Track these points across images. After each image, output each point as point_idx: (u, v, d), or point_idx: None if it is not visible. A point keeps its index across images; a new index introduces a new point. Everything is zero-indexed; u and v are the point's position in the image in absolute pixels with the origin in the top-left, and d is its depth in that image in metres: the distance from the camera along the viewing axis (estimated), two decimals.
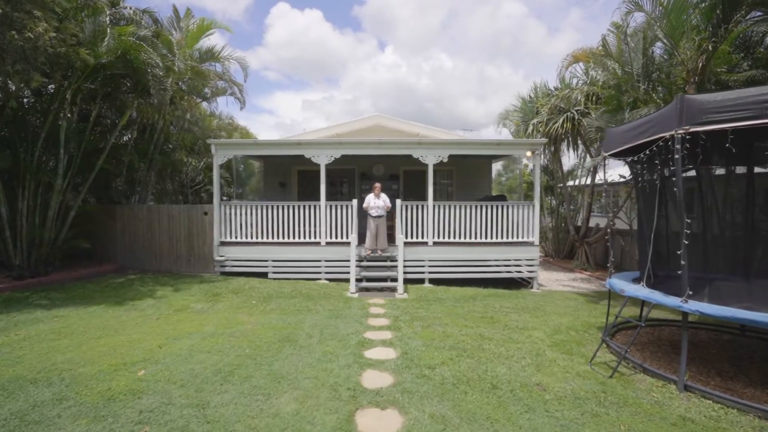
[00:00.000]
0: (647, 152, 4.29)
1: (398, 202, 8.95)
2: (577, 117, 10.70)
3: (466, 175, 12.98)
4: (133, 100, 7.81)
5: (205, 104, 14.31)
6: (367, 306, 6.86)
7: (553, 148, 13.07)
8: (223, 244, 9.25)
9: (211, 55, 9.86)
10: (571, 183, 14.69)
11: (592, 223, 12.97)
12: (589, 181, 14.29)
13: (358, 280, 8.54)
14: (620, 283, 4.90)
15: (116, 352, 4.17)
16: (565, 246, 14.31)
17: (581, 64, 11.21)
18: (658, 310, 6.86)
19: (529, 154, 9.08)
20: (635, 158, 4.52)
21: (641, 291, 4.44)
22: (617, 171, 14.20)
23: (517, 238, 9.25)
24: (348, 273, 8.39)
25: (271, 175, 13.09)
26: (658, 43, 8.04)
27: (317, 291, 7.84)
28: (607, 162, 8.14)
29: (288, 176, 12.99)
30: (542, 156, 15.68)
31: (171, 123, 10.90)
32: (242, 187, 20.28)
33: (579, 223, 13.80)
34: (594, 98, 10.50)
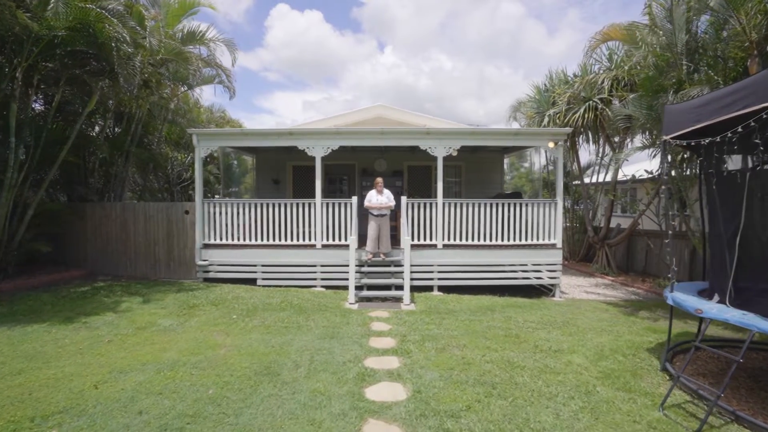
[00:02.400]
0: (739, 130, 3.24)
1: (403, 199, 7.92)
2: (600, 106, 9.66)
3: (475, 172, 11.94)
4: (98, 81, 6.78)
5: (194, 96, 13.31)
6: (368, 321, 5.83)
7: (569, 142, 12.01)
8: (206, 246, 8.22)
9: (194, 36, 8.83)
10: (587, 180, 13.61)
11: (607, 223, 11.91)
12: (608, 178, 13.26)
13: (359, 288, 7.51)
14: (691, 300, 3.85)
15: (32, 396, 3.14)
16: (581, 248, 13.27)
17: (604, 48, 10.15)
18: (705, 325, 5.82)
19: (551, 145, 8.03)
20: (716, 140, 3.47)
21: (728, 313, 3.39)
22: (636, 166, 13.15)
23: (537, 240, 8.21)
24: (347, 279, 7.35)
25: (263, 171, 12.07)
26: (702, 18, 7.02)
27: (311, 301, 6.81)
28: (656, 151, 7.06)
29: (282, 172, 11.97)
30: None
31: (151, 113, 9.88)
32: (237, 185, 19.24)
33: (595, 224, 12.76)
34: (621, 84, 9.44)
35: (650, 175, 9.93)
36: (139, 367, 3.76)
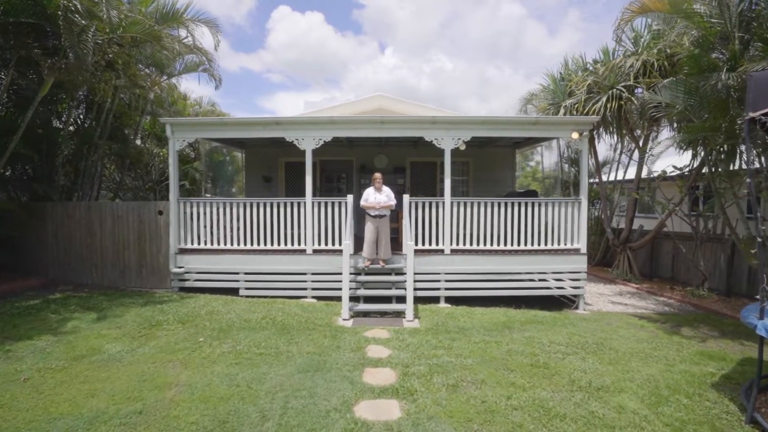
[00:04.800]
0: None
1: (406, 198, 6.92)
2: (625, 94, 8.62)
3: (484, 169, 10.92)
4: (47, 60, 5.79)
5: (181, 87, 12.36)
6: (363, 343, 4.83)
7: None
8: (182, 251, 7.25)
9: (169, 15, 7.83)
10: (603, 177, 12.58)
11: (629, 224, 10.89)
12: (629, 175, 12.23)
13: (354, 300, 6.53)
14: None
15: None
16: (597, 251, 12.23)
17: (628, 31, 9.12)
18: None
19: (575, 135, 7.02)
20: None
21: None
22: (659, 163, 12.10)
23: (558, 244, 7.22)
24: (341, 289, 6.35)
25: (253, 168, 11.09)
26: None
27: (298, 317, 5.81)
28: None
29: (274, 169, 10.99)
30: (570, 145, 13.62)
31: (127, 103, 8.92)
32: (230, 184, 18.32)
33: (615, 225, 11.72)
34: (655, 67, 8.40)
35: (680, 172, 8.92)
36: (43, 426, 2.76)
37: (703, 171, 8.91)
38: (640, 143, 10.11)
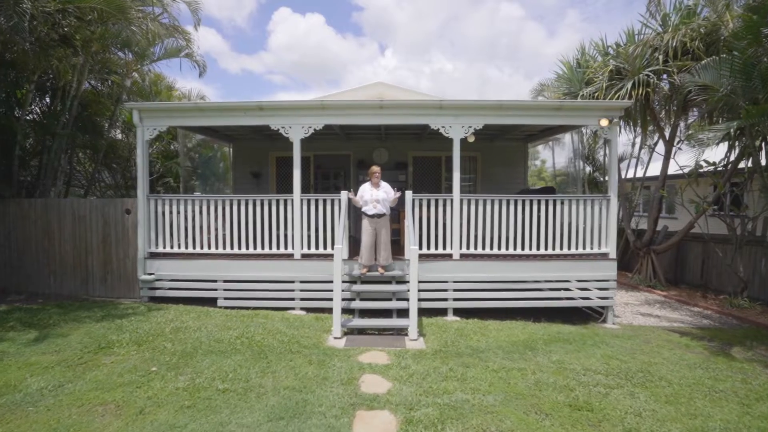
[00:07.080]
0: None
1: (408, 194, 6.00)
2: (654, 80, 7.68)
3: (494, 164, 9.98)
4: None
5: (169, 80, 11.46)
6: (357, 373, 3.90)
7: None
8: (153, 256, 6.34)
9: None
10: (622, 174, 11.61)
11: (653, 225, 9.93)
12: (650, 172, 11.29)
13: (348, 313, 5.64)
14: None
15: None
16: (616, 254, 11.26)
17: (656, 14, 8.22)
18: None
19: (604, 123, 6.07)
20: None
21: None
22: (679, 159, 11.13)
23: (582, 248, 6.31)
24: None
25: (242, 163, 10.18)
26: None
27: (280, 335, 4.88)
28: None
29: (264, 164, 10.07)
30: (583, 140, 12.72)
31: (98, 91, 8.01)
32: (225, 184, 17.38)
33: (634, 226, 10.77)
34: (680, 52, 7.48)
35: (713, 167, 7.96)
36: None
37: (740, 165, 8.00)
38: (667, 135, 9.17)
